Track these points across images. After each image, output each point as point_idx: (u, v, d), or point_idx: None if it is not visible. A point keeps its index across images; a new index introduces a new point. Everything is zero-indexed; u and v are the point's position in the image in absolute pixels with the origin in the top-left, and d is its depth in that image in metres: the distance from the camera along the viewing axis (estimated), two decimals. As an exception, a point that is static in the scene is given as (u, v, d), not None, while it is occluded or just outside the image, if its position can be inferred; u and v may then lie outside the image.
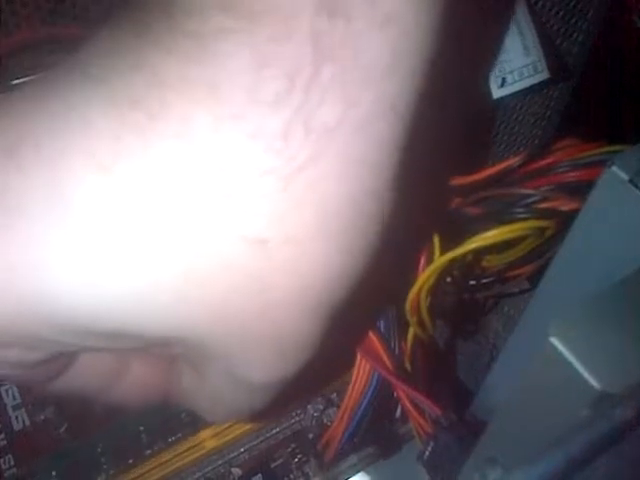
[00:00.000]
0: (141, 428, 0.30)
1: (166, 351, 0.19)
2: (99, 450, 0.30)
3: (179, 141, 0.15)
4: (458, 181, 0.27)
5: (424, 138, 0.17)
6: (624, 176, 0.20)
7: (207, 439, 0.30)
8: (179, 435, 0.30)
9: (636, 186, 0.20)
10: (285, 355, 0.18)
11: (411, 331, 0.28)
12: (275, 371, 0.18)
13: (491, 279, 0.29)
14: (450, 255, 0.24)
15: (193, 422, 0.30)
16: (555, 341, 0.16)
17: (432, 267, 0.25)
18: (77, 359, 0.20)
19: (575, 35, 0.30)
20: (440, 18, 0.16)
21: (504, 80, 0.26)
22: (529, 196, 0.24)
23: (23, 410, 0.30)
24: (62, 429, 0.30)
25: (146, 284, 0.15)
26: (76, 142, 0.15)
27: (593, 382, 0.15)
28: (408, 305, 0.26)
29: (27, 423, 0.30)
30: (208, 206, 0.15)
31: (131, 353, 0.20)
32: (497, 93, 0.26)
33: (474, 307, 0.34)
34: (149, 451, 0.30)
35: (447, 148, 0.22)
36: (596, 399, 0.15)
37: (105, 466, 0.30)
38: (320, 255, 0.16)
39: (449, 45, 0.17)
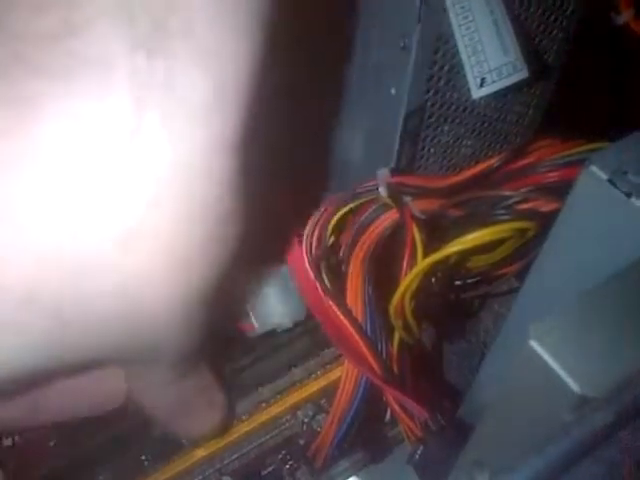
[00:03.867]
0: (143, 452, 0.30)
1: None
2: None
3: None
4: (440, 182, 0.27)
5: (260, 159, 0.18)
6: (602, 176, 0.20)
7: (197, 448, 0.30)
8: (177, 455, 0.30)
9: (615, 185, 0.20)
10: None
11: (397, 335, 0.28)
12: (181, 349, 0.21)
13: (476, 279, 0.28)
14: (433, 258, 0.24)
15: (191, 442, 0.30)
16: (535, 344, 0.16)
17: (415, 270, 0.25)
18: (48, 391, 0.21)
19: (555, 32, 0.30)
20: (262, 47, 0.16)
21: (483, 80, 0.26)
22: (510, 197, 0.24)
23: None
24: (52, 443, 0.30)
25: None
26: None
27: (573, 386, 0.15)
28: (392, 309, 0.26)
29: (16, 438, 0.29)
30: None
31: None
32: (477, 93, 0.26)
33: (461, 307, 0.34)
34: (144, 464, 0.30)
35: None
36: (576, 403, 0.15)
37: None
38: (174, 272, 0.17)
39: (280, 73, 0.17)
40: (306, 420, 0.31)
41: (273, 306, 0.29)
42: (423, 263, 0.25)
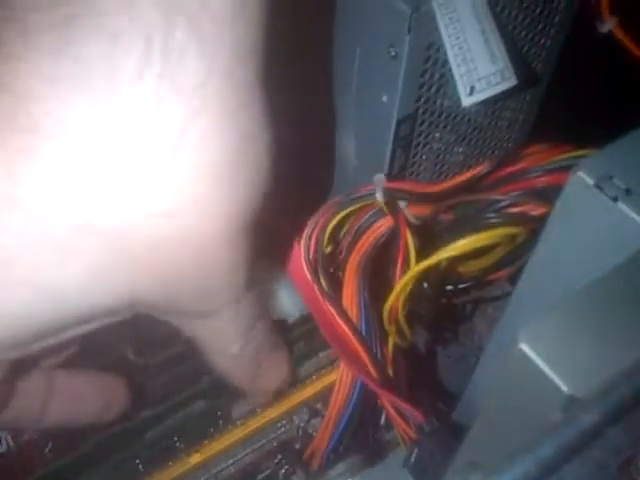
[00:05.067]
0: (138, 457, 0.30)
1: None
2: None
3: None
4: (431, 188, 0.27)
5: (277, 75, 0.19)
6: (589, 181, 0.21)
7: (192, 453, 0.30)
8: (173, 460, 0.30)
9: (602, 190, 0.20)
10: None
11: (391, 339, 0.28)
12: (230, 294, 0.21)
13: (468, 284, 0.29)
14: (424, 264, 0.25)
15: (186, 448, 0.30)
16: (524, 347, 0.17)
17: (408, 276, 0.25)
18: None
19: (542, 41, 0.31)
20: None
21: (472, 88, 0.26)
22: (500, 201, 0.24)
23: (6, 432, 0.29)
24: (47, 449, 0.30)
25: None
26: None
27: (562, 387, 0.16)
28: (385, 314, 0.27)
29: (11, 444, 0.29)
30: (106, 192, 0.17)
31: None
32: (466, 101, 0.26)
33: (455, 312, 0.34)
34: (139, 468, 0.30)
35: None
36: (566, 403, 0.16)
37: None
38: (220, 200, 0.18)
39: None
40: (301, 424, 0.31)
41: (281, 295, 0.29)
42: (415, 268, 0.25)
